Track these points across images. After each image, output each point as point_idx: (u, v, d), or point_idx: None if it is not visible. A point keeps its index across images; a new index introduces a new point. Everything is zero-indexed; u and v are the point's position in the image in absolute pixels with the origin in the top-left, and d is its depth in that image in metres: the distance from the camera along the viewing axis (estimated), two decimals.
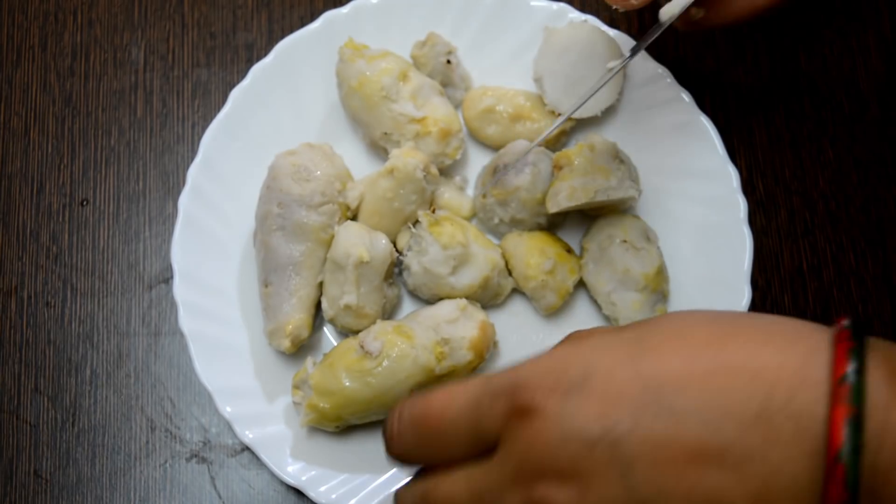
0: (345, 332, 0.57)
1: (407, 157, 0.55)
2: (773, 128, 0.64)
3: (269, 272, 0.55)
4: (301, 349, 0.56)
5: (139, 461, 0.58)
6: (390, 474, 0.54)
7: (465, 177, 0.61)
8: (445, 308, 0.54)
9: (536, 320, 0.58)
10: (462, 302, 0.55)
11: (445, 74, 0.60)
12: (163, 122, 0.65)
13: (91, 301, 0.61)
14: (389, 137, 0.58)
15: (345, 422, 0.53)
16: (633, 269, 0.55)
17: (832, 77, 0.65)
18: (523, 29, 0.61)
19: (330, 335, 0.58)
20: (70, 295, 0.62)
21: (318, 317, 0.57)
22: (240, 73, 0.63)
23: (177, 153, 0.64)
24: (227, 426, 0.58)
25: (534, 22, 0.61)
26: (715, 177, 0.58)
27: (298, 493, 0.56)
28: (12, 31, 0.67)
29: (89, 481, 0.58)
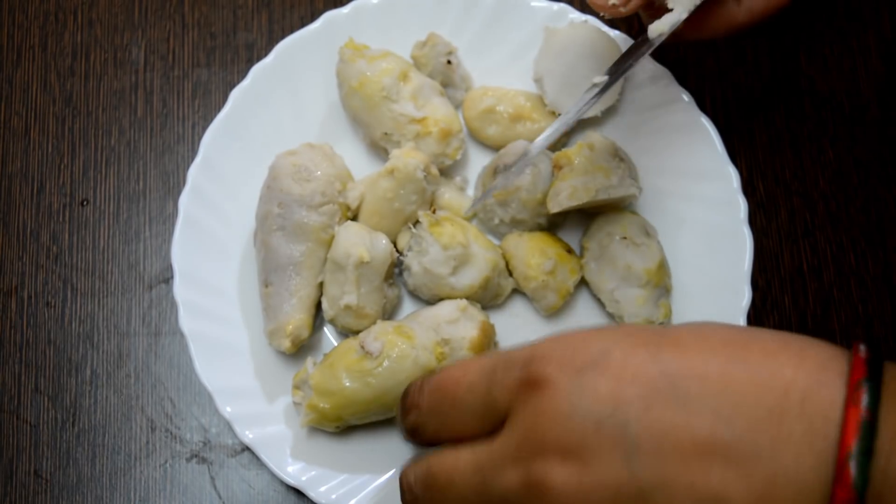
0: (345, 333, 0.57)
1: (407, 157, 0.55)
2: (773, 128, 0.64)
3: (270, 272, 0.55)
4: (301, 349, 0.56)
5: (139, 461, 0.58)
6: (390, 474, 0.54)
7: (466, 177, 0.61)
8: (446, 308, 0.54)
9: (537, 321, 0.58)
10: (462, 302, 0.55)
11: (446, 75, 0.60)
12: (163, 122, 0.65)
13: (91, 301, 0.61)
14: (390, 138, 0.58)
15: (345, 422, 0.53)
16: (635, 264, 0.55)
17: (832, 77, 0.65)
18: (524, 29, 0.61)
19: (330, 335, 0.58)
20: (70, 295, 0.62)
21: (318, 317, 0.57)
22: (240, 73, 0.63)
23: (177, 153, 0.64)
24: (227, 426, 0.58)
25: (534, 22, 0.61)
26: (715, 177, 0.58)
27: (298, 494, 0.56)
28: (13, 31, 0.67)
29: (89, 481, 0.58)
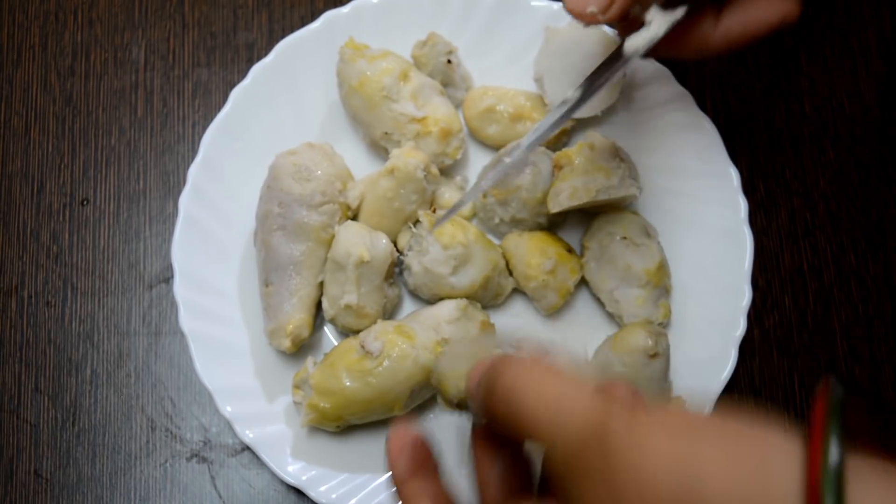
0: (345, 332, 0.57)
1: (407, 156, 0.55)
2: (773, 128, 0.64)
3: (270, 272, 0.55)
4: (301, 349, 0.56)
5: (139, 461, 0.58)
6: (390, 474, 0.54)
7: (466, 177, 0.61)
8: (446, 308, 0.54)
9: (537, 320, 0.58)
10: (463, 302, 0.55)
11: (446, 74, 0.60)
12: (163, 122, 0.65)
13: (91, 300, 0.61)
14: (390, 137, 0.58)
15: (345, 422, 0.53)
16: (635, 265, 0.55)
17: (833, 77, 0.65)
18: (524, 29, 0.61)
19: (330, 335, 0.58)
20: (70, 294, 0.62)
21: (318, 316, 0.57)
22: (240, 73, 0.63)
23: (177, 153, 0.64)
24: (227, 426, 0.58)
25: (534, 22, 0.61)
26: (716, 177, 0.58)
27: (299, 493, 0.56)
28: (13, 31, 0.67)
29: (90, 481, 0.58)
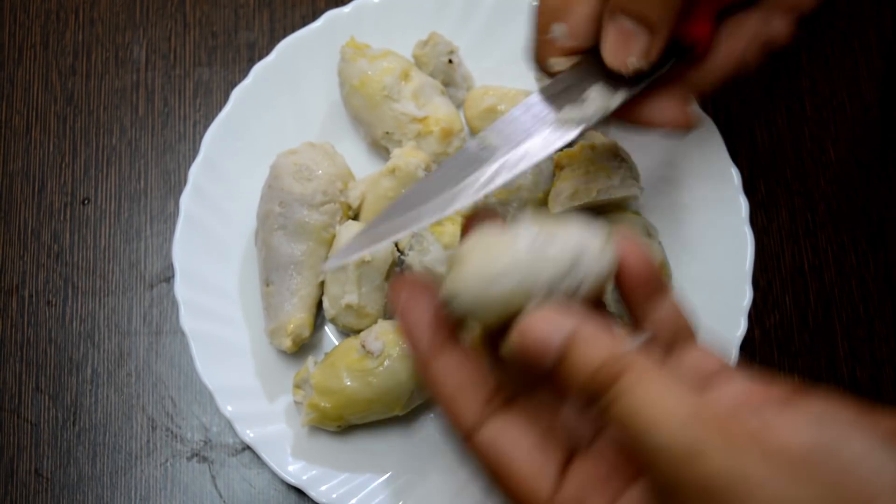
0: (346, 332, 0.57)
1: (408, 156, 0.55)
2: (774, 128, 0.64)
3: (271, 271, 0.55)
4: (302, 348, 0.56)
5: (140, 460, 0.58)
6: (391, 474, 0.54)
7: None
8: None
9: None
10: None
11: (447, 74, 0.60)
12: (164, 121, 0.65)
13: (92, 300, 0.61)
14: (391, 137, 0.58)
15: (346, 421, 0.53)
16: None
17: (834, 77, 0.65)
18: (525, 28, 0.61)
19: (331, 334, 0.58)
20: (71, 294, 0.62)
21: (319, 316, 0.57)
22: (241, 73, 0.63)
23: (178, 152, 0.64)
24: (227, 425, 0.58)
25: None
26: (716, 177, 0.58)
27: (299, 493, 0.56)
28: (14, 30, 0.67)
29: (90, 480, 0.58)
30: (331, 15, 0.61)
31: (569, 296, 0.34)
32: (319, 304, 0.56)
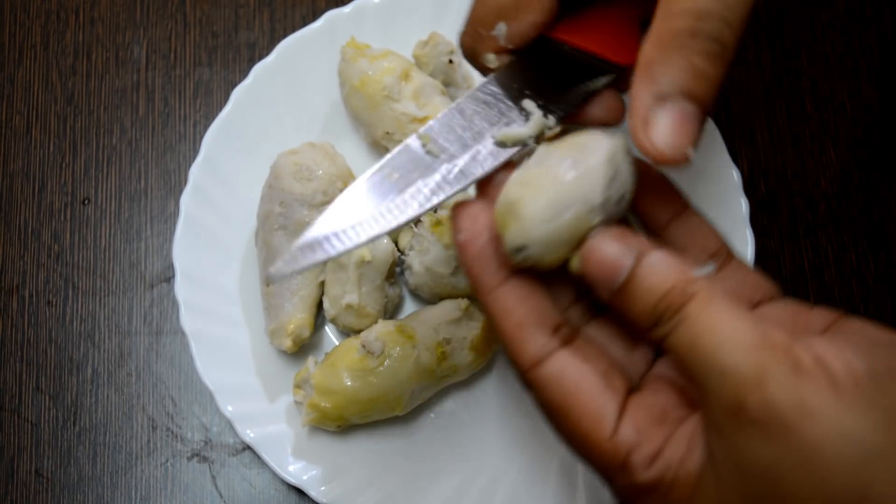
0: (346, 332, 0.57)
1: None
2: (775, 128, 0.64)
3: None
4: (302, 348, 0.56)
5: (140, 460, 0.58)
6: (391, 474, 0.54)
7: None
8: (447, 308, 0.54)
9: None
10: (464, 302, 0.55)
11: (447, 74, 0.60)
12: (164, 121, 0.65)
13: (92, 300, 0.61)
14: (391, 137, 0.58)
15: (346, 421, 0.53)
16: None
17: (834, 77, 0.65)
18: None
19: (331, 334, 0.58)
20: (71, 294, 0.62)
21: (319, 316, 0.57)
22: (242, 73, 0.63)
23: (178, 152, 0.64)
24: (228, 425, 0.58)
25: None
26: (716, 177, 0.58)
27: (299, 493, 0.56)
28: (14, 30, 0.67)
29: (90, 480, 0.58)
30: (331, 15, 0.61)
31: (619, 204, 0.34)
32: (320, 304, 0.56)
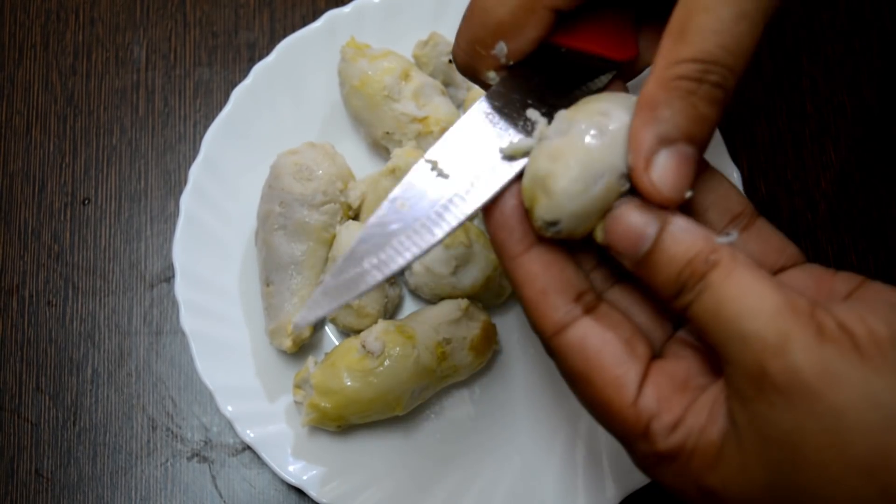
0: (346, 332, 0.57)
1: (409, 156, 0.55)
2: (775, 128, 0.64)
3: (271, 271, 0.55)
4: (302, 348, 0.56)
5: (140, 460, 0.58)
6: (391, 474, 0.54)
7: None
8: (447, 308, 0.54)
9: None
10: (464, 302, 0.55)
11: (447, 74, 0.60)
12: (164, 121, 0.65)
13: (92, 300, 0.61)
14: (391, 137, 0.58)
15: (346, 421, 0.53)
16: None
17: (834, 77, 0.65)
18: None
19: (331, 334, 0.58)
20: (71, 294, 0.62)
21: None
22: (241, 73, 0.63)
23: (178, 152, 0.64)
24: (228, 425, 0.58)
25: None
26: None
27: (299, 493, 0.56)
28: (14, 30, 0.67)
29: (90, 480, 0.58)
30: (331, 15, 0.61)
31: None
32: None
